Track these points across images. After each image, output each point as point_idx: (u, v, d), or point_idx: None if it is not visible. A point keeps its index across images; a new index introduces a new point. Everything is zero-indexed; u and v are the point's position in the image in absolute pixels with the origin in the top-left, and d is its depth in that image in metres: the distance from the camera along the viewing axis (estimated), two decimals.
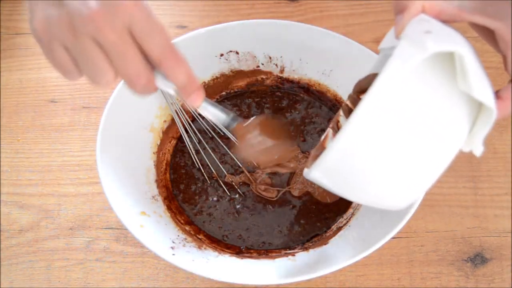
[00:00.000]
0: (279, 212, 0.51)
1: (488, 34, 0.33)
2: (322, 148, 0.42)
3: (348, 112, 0.42)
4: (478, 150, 0.33)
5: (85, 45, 0.29)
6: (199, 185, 0.53)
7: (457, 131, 0.31)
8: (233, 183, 0.52)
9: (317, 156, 0.39)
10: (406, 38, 0.30)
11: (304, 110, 0.56)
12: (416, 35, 0.30)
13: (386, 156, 0.30)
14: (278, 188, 0.52)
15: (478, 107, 0.32)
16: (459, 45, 0.29)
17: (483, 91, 0.30)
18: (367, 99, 0.28)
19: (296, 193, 0.52)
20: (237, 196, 0.52)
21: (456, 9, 0.32)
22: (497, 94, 0.32)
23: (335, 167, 0.31)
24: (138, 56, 0.30)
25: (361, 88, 0.41)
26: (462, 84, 0.30)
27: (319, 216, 0.51)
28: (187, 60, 0.32)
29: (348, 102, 0.42)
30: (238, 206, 0.51)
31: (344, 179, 0.32)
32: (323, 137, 0.42)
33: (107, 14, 0.28)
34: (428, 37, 0.29)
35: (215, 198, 0.52)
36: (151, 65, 0.32)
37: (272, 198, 0.52)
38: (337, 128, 0.42)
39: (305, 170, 0.37)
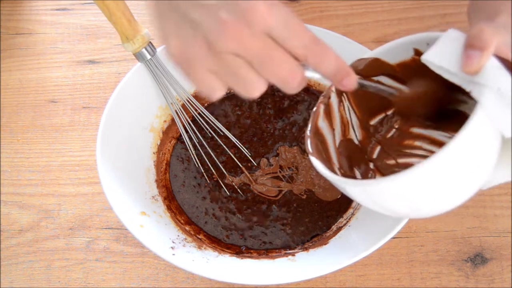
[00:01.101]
0: (280, 212, 0.51)
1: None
2: (316, 128, 0.41)
3: (339, 90, 0.43)
4: (487, 186, 0.36)
5: (229, 62, 0.28)
6: (199, 185, 0.53)
7: (488, 171, 0.33)
8: (233, 184, 0.52)
9: (312, 138, 0.40)
10: (492, 87, 0.30)
11: (305, 111, 0.56)
12: (506, 91, 0.30)
13: (431, 191, 0.32)
14: (278, 188, 0.52)
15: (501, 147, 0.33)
16: None
17: None
18: (448, 148, 0.29)
19: (297, 191, 0.52)
20: (237, 196, 0.52)
21: (505, 46, 0.31)
22: None
23: (377, 192, 0.33)
24: (286, 56, 0.29)
25: (357, 70, 0.42)
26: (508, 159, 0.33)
27: (321, 214, 0.51)
28: (330, 47, 0.31)
29: None
30: (238, 206, 0.51)
31: (379, 200, 0.34)
32: (313, 114, 0.42)
33: (242, 25, 0.27)
34: None
35: (215, 199, 0.52)
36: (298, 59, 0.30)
37: (273, 197, 0.52)
38: (328, 106, 0.43)
39: (325, 171, 0.37)
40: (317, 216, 0.51)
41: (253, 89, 0.30)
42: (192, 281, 0.50)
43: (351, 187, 0.34)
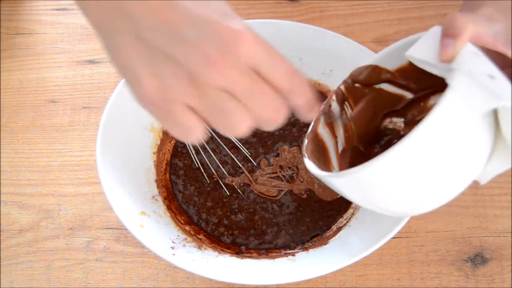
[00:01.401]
0: (281, 212, 0.51)
1: (499, 59, 0.33)
2: (315, 134, 0.41)
3: (342, 98, 0.43)
4: (484, 181, 0.35)
5: (215, 97, 0.27)
6: (199, 185, 0.53)
7: (480, 162, 0.33)
8: (233, 184, 0.52)
9: (310, 144, 0.40)
10: (465, 72, 0.30)
11: None
12: (479, 77, 0.30)
13: (414, 178, 0.32)
14: (278, 188, 0.52)
15: (494, 140, 0.33)
16: None
17: None
18: (419, 129, 0.29)
19: (297, 191, 0.52)
20: (237, 196, 0.52)
21: (492, 38, 0.31)
22: None
23: (362, 181, 0.32)
24: (274, 92, 0.28)
25: (357, 78, 0.42)
26: (506, 133, 0.31)
27: (322, 214, 0.51)
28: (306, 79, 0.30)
29: (342, 88, 0.42)
30: (238, 206, 0.51)
31: (365, 191, 0.33)
32: (313, 122, 0.42)
33: (230, 60, 0.26)
34: (498, 86, 0.29)
35: (215, 199, 0.52)
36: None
37: (273, 197, 0.52)
38: (329, 113, 0.43)
39: (316, 170, 0.37)
40: (317, 216, 0.51)
41: (238, 125, 0.28)
42: (192, 281, 0.50)
43: (335, 179, 0.34)
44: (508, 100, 0.29)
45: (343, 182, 0.34)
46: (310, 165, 0.38)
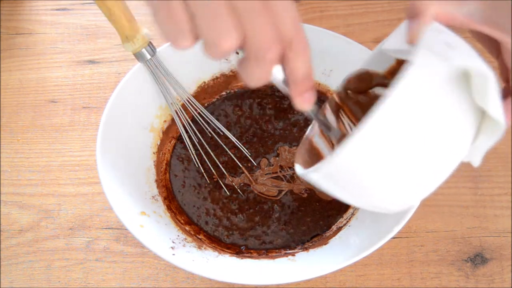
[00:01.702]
0: (282, 211, 0.51)
1: (491, 44, 0.33)
2: (309, 143, 0.41)
3: (336, 108, 0.42)
4: (477, 161, 0.33)
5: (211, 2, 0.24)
6: (199, 185, 0.53)
7: (462, 141, 0.31)
8: (233, 184, 0.52)
9: (305, 151, 0.39)
10: (427, 47, 0.30)
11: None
12: (437, 46, 0.30)
13: (391, 163, 0.30)
14: (278, 188, 0.52)
15: (480, 117, 0.32)
16: (484, 65, 0.29)
17: (499, 109, 0.30)
18: (381, 106, 0.28)
19: (297, 191, 0.52)
20: (237, 196, 0.52)
21: (465, 18, 0.32)
22: None
23: (338, 171, 0.31)
24: (271, 25, 0.25)
25: (349, 86, 0.41)
26: (477, 98, 0.30)
27: (323, 213, 0.51)
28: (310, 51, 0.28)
29: (335, 97, 0.42)
30: (238, 206, 0.51)
31: (344, 182, 0.32)
32: (308, 130, 0.42)
33: None
34: (453, 52, 0.29)
35: (215, 199, 0.52)
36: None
37: (273, 197, 0.52)
38: (325, 123, 0.42)
39: (301, 170, 0.37)
40: (318, 215, 0.51)
41: (221, 39, 0.25)
42: (192, 281, 0.50)
43: (313, 174, 0.32)
44: (462, 65, 0.28)
45: (321, 175, 0.32)
46: (297, 167, 0.37)
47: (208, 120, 0.54)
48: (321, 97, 0.56)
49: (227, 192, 0.52)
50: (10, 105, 0.61)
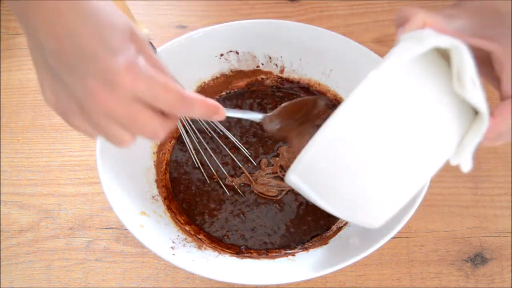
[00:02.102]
0: (283, 211, 0.51)
1: (485, 60, 0.33)
2: None
3: None
4: (466, 165, 0.32)
5: (98, 120, 0.30)
6: (199, 185, 0.53)
7: (445, 137, 0.30)
8: (233, 184, 0.52)
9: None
10: (404, 39, 0.30)
11: None
12: (417, 35, 0.30)
13: (367, 157, 0.29)
14: (279, 188, 0.52)
15: (470, 119, 0.31)
16: (459, 42, 0.29)
17: (477, 93, 0.29)
18: (353, 95, 0.27)
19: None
20: (237, 196, 0.52)
21: (456, 31, 0.32)
22: (490, 112, 0.31)
23: (313, 167, 0.30)
24: (151, 117, 0.31)
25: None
26: (456, 85, 0.29)
27: (323, 212, 0.50)
28: (195, 94, 0.33)
29: None
30: (238, 207, 0.51)
31: (320, 183, 0.30)
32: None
33: (108, 91, 0.29)
34: (428, 34, 0.29)
35: (215, 199, 0.52)
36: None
37: (274, 197, 0.52)
38: None
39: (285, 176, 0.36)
40: (319, 214, 0.50)
41: (122, 143, 0.32)
42: (192, 281, 0.50)
43: (291, 177, 0.31)
44: (432, 42, 0.28)
45: (296, 177, 0.31)
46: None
47: (208, 120, 0.54)
48: (321, 97, 0.56)
49: (227, 192, 0.52)
50: (10, 105, 0.61)
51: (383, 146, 0.28)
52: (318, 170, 0.30)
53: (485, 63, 0.33)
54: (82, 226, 0.53)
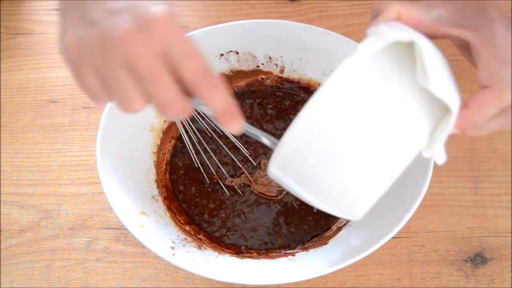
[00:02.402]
0: (284, 211, 0.51)
1: (464, 49, 0.33)
2: None
3: None
4: (440, 157, 0.32)
5: (115, 70, 0.28)
6: (199, 185, 0.53)
7: (415, 129, 0.30)
8: (233, 184, 0.52)
9: None
10: (369, 32, 0.30)
11: None
12: (380, 29, 0.30)
13: (339, 148, 0.29)
14: (279, 188, 0.52)
15: (442, 111, 0.31)
16: (418, 37, 0.29)
17: (441, 85, 0.29)
18: (322, 89, 0.28)
19: None
20: (237, 196, 0.52)
21: (433, 22, 0.32)
22: (465, 103, 0.32)
23: (290, 160, 0.30)
24: (171, 84, 0.28)
25: None
26: (420, 77, 0.30)
27: (324, 212, 0.51)
28: (224, 85, 0.30)
29: None
30: (239, 207, 0.51)
31: (299, 174, 0.31)
32: None
33: (141, 36, 0.26)
34: (389, 29, 0.29)
35: (215, 199, 0.52)
36: (186, 90, 0.30)
37: (274, 197, 0.52)
38: None
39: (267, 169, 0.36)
40: (320, 214, 0.50)
41: (129, 106, 0.29)
42: (192, 281, 0.50)
43: (272, 169, 0.32)
44: (392, 37, 0.28)
45: (277, 168, 0.31)
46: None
47: (208, 120, 0.54)
48: None
49: (227, 193, 0.52)
50: (10, 105, 0.61)
51: (352, 138, 0.29)
52: (294, 160, 0.30)
53: (468, 55, 0.33)
54: (82, 226, 0.53)
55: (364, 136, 0.29)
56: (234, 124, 0.31)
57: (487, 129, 0.33)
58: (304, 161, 0.30)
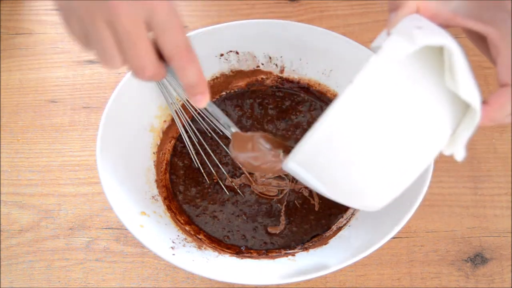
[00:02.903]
0: (285, 210, 0.51)
1: (481, 42, 0.33)
2: None
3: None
4: (459, 154, 0.33)
5: (98, 27, 0.29)
6: (199, 185, 0.53)
7: (439, 129, 0.31)
8: (233, 184, 0.52)
9: None
10: (396, 32, 0.30)
11: (307, 112, 0.56)
12: (406, 29, 0.30)
13: (365, 147, 0.30)
14: (279, 188, 0.52)
15: (463, 110, 0.31)
16: (449, 41, 0.29)
17: (469, 89, 0.29)
18: (350, 89, 0.28)
19: (298, 188, 0.52)
20: (237, 196, 0.52)
21: (451, 13, 0.32)
22: (484, 100, 0.32)
23: (312, 157, 0.31)
24: (149, 50, 0.30)
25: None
26: (449, 81, 0.30)
27: (325, 211, 0.51)
28: (199, 62, 0.32)
29: None
30: (238, 207, 0.51)
31: (320, 170, 0.31)
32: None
33: (128, 2, 0.28)
34: (419, 31, 0.29)
35: (215, 199, 0.52)
36: (163, 58, 0.31)
37: (274, 196, 0.52)
38: None
39: (284, 162, 0.37)
40: (321, 213, 0.50)
41: (107, 61, 0.31)
42: (192, 281, 0.50)
43: (290, 164, 0.32)
44: (423, 42, 0.28)
45: (296, 166, 0.32)
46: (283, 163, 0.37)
47: (208, 120, 0.54)
48: (321, 97, 0.56)
49: (227, 193, 0.52)
50: (10, 105, 0.61)
51: (379, 138, 0.30)
52: (318, 159, 0.31)
53: (482, 47, 0.33)
54: (82, 226, 0.53)
55: (390, 137, 0.30)
56: (201, 99, 0.34)
57: (505, 122, 0.33)
58: (327, 159, 0.30)
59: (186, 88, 0.33)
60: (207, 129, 0.55)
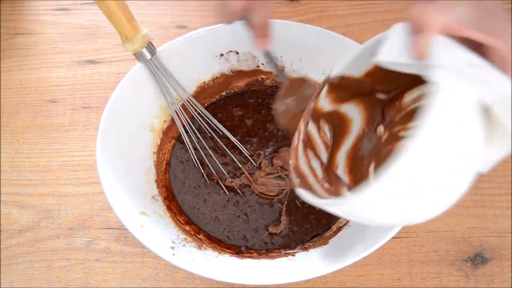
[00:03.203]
0: (286, 210, 0.51)
1: (477, 50, 0.33)
2: (295, 152, 0.41)
3: (316, 116, 0.43)
4: (486, 169, 0.34)
5: None
6: (199, 185, 0.53)
7: (478, 154, 0.32)
8: (233, 184, 0.52)
9: (295, 173, 0.40)
10: (447, 68, 0.29)
11: None
12: (459, 67, 0.29)
13: (419, 186, 0.30)
14: (279, 187, 0.52)
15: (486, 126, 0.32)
16: (505, 98, 0.29)
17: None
18: (421, 135, 0.28)
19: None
20: (237, 196, 0.52)
21: (456, 24, 0.31)
22: None
23: (356, 209, 0.32)
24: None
25: (333, 97, 0.42)
26: (497, 133, 0.31)
27: (325, 211, 0.50)
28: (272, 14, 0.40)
29: (312, 106, 0.42)
30: (238, 207, 0.51)
31: (362, 215, 0.33)
32: (291, 150, 0.42)
33: None
34: (479, 75, 0.29)
35: (215, 199, 0.52)
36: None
37: (274, 196, 0.52)
38: (308, 138, 0.43)
39: (312, 199, 0.37)
40: (322, 213, 0.50)
41: None
42: (192, 281, 0.50)
43: (330, 208, 0.34)
44: (498, 88, 0.28)
45: (338, 209, 0.33)
46: (304, 194, 0.38)
47: (208, 120, 0.54)
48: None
49: (227, 193, 0.52)
50: (10, 105, 0.61)
51: (439, 172, 0.30)
52: (381, 198, 0.31)
53: (480, 48, 0.33)
54: (82, 226, 0.53)
55: (442, 171, 0.30)
56: (260, 41, 0.42)
57: None
58: (392, 197, 0.31)
59: (253, 27, 0.41)
60: (207, 129, 0.55)
